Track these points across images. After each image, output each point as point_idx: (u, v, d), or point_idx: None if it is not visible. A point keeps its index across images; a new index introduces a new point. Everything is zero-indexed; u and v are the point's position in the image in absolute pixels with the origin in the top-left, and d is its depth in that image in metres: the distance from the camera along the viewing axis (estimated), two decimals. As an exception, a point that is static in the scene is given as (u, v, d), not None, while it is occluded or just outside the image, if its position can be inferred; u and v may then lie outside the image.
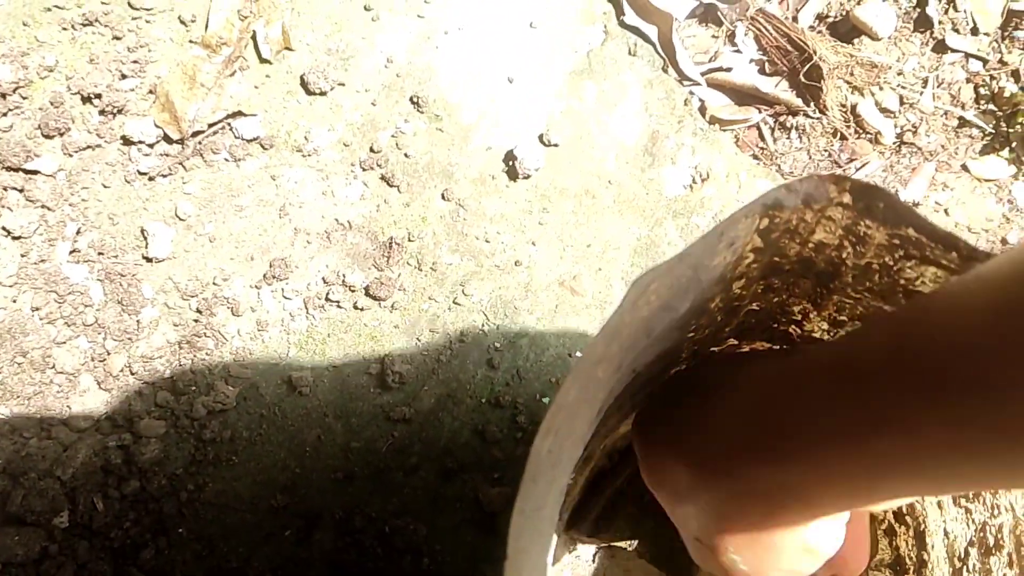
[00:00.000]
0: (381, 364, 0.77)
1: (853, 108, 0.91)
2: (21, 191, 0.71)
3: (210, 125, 0.74)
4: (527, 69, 0.83)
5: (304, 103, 0.78)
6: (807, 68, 0.89)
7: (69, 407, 0.71)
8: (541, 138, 0.82)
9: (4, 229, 0.70)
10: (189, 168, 0.75)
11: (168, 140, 0.74)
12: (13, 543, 0.66)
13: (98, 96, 0.72)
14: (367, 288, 0.77)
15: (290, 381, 0.75)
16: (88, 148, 0.72)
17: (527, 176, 0.81)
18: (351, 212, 0.78)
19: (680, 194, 0.86)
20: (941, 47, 0.93)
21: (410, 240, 0.79)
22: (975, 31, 0.93)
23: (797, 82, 0.91)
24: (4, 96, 0.70)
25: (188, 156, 0.74)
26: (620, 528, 0.64)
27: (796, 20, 0.92)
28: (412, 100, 0.80)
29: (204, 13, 0.75)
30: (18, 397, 0.69)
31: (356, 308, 0.77)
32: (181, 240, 0.75)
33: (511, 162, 0.81)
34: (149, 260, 0.74)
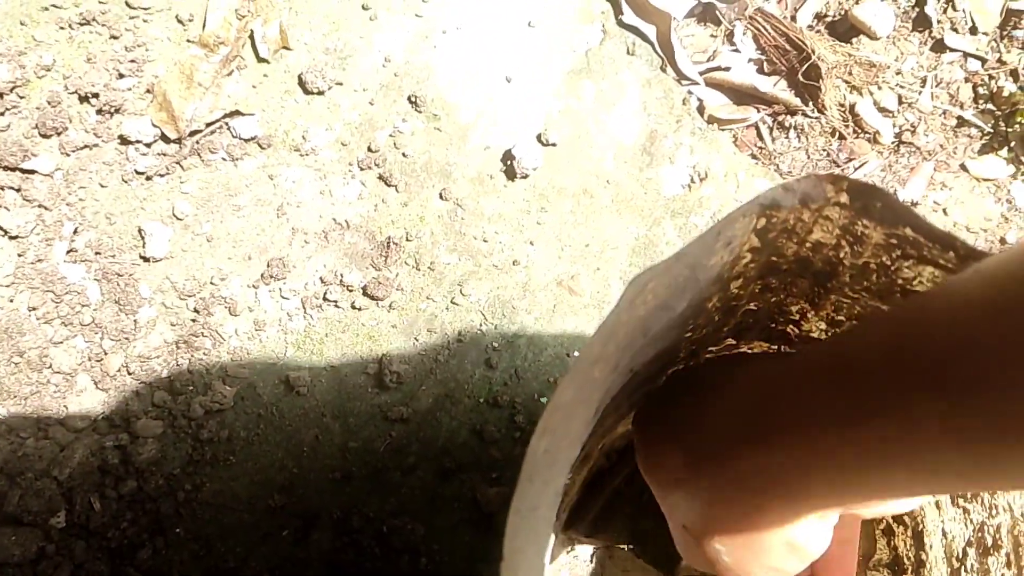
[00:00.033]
0: (379, 364, 0.77)
1: (851, 107, 0.91)
2: (18, 190, 0.70)
3: (207, 124, 0.74)
4: (525, 68, 0.83)
5: (302, 102, 0.78)
6: (805, 67, 0.89)
7: (66, 407, 0.71)
8: (539, 137, 0.82)
9: (1, 228, 0.70)
10: (186, 168, 0.75)
11: (165, 139, 0.74)
12: (10, 543, 0.66)
13: (95, 95, 0.72)
14: (365, 288, 0.77)
15: (288, 381, 0.75)
16: (85, 147, 0.72)
17: (525, 176, 0.81)
18: (349, 212, 0.78)
19: (678, 193, 0.86)
20: (940, 46, 0.93)
21: (408, 240, 0.79)
22: (974, 30, 0.93)
23: (795, 81, 0.91)
24: (1, 95, 0.69)
25: (185, 155, 0.74)
26: (618, 528, 0.63)
27: (794, 19, 0.92)
28: (410, 99, 0.80)
29: (202, 12, 0.75)
30: (15, 397, 0.69)
31: (354, 308, 0.77)
32: (178, 240, 0.74)
33: (509, 161, 0.80)
34: (146, 260, 0.74)
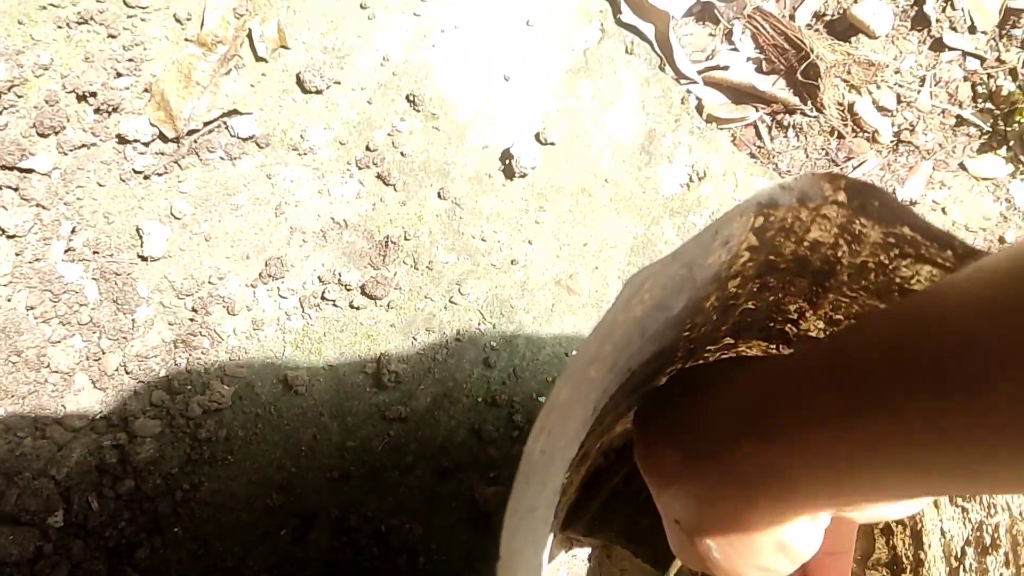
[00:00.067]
0: (377, 363, 0.77)
1: (850, 106, 0.91)
2: (16, 190, 0.70)
3: (206, 124, 0.74)
4: (523, 67, 0.83)
5: (300, 101, 0.77)
6: (804, 66, 0.88)
7: (64, 406, 0.71)
8: (537, 136, 0.82)
9: (-2, 228, 0.70)
10: (184, 167, 0.74)
11: (163, 139, 0.74)
12: (7, 542, 0.65)
13: (93, 94, 0.72)
14: (363, 287, 0.77)
15: (286, 380, 0.75)
16: (83, 147, 0.72)
17: (523, 175, 0.81)
18: (347, 211, 0.78)
19: (677, 192, 0.85)
20: (939, 45, 0.93)
21: (406, 239, 0.78)
22: (973, 29, 0.93)
23: (794, 80, 0.90)
24: (-2, 94, 0.69)
25: (183, 155, 0.74)
26: (616, 527, 0.63)
27: (793, 18, 0.92)
28: (408, 98, 0.79)
29: (200, 11, 0.75)
30: (13, 396, 0.69)
31: (352, 307, 0.77)
32: (176, 239, 0.74)
33: (507, 160, 0.80)
34: (144, 259, 0.73)
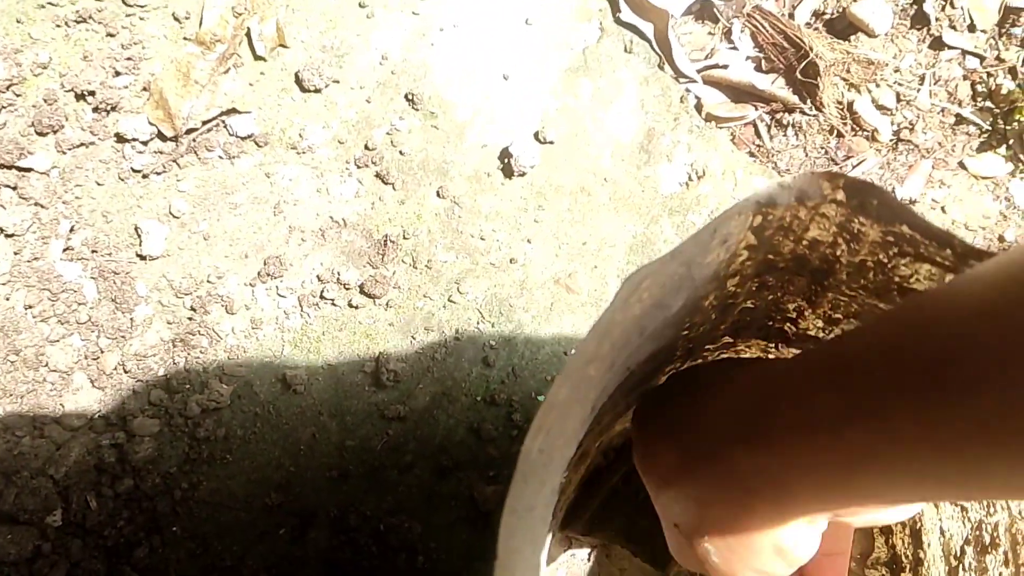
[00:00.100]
0: (376, 362, 0.77)
1: (850, 105, 0.91)
2: (14, 189, 0.70)
3: (204, 122, 0.74)
4: (522, 66, 0.83)
5: (299, 100, 0.77)
6: (803, 65, 0.88)
7: (62, 405, 0.71)
8: (536, 135, 0.82)
9: (-3, 227, 0.70)
10: (183, 165, 0.74)
11: (162, 137, 0.73)
12: (6, 542, 0.65)
13: (92, 93, 0.71)
14: (362, 286, 0.77)
15: (284, 379, 0.75)
16: (82, 145, 0.72)
17: (522, 173, 0.81)
18: (346, 210, 0.78)
19: (676, 191, 0.85)
20: (938, 44, 0.93)
21: (405, 238, 0.78)
22: (972, 28, 0.93)
23: (793, 79, 0.90)
24: (-4, 93, 0.69)
25: (182, 153, 0.74)
26: (615, 527, 0.63)
27: (792, 17, 0.92)
28: (407, 97, 0.79)
29: (198, 10, 0.75)
30: (11, 395, 0.69)
31: (351, 306, 0.77)
32: (175, 238, 0.74)
33: (506, 159, 0.80)
34: (143, 258, 0.73)
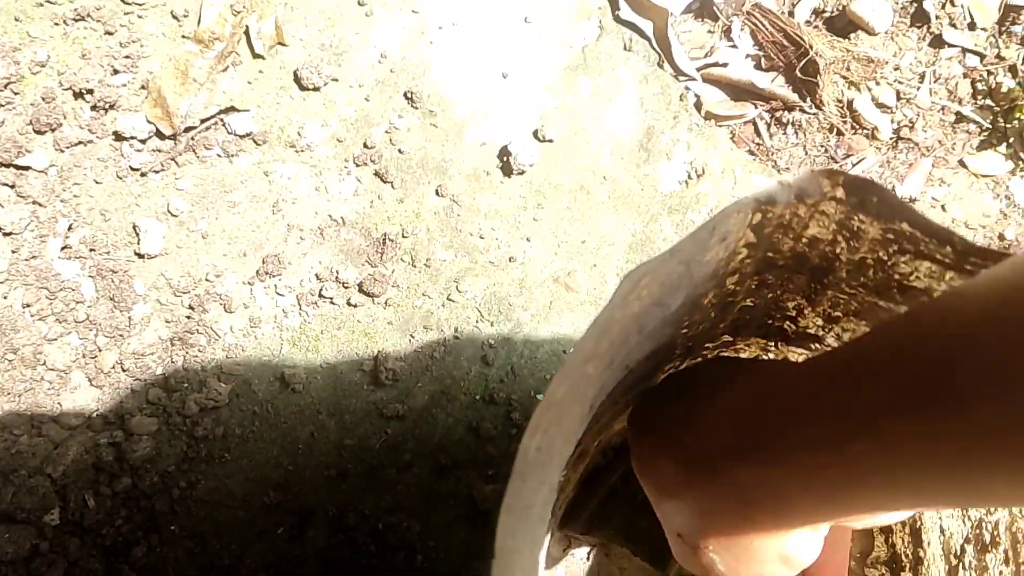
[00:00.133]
0: (374, 361, 0.76)
1: (850, 103, 0.91)
2: (12, 187, 0.70)
3: (203, 121, 0.74)
4: (521, 64, 0.83)
5: (297, 99, 0.77)
6: (803, 63, 0.88)
7: (60, 404, 0.70)
8: (535, 134, 0.82)
9: (-6, 225, 0.69)
10: (181, 164, 0.74)
11: (160, 136, 0.73)
12: (3, 541, 0.65)
13: (90, 91, 0.71)
14: (360, 284, 0.77)
15: (283, 378, 0.75)
16: (80, 144, 0.72)
17: (521, 172, 0.81)
18: (344, 208, 0.78)
19: (675, 190, 0.85)
20: (938, 42, 0.93)
21: (404, 236, 0.78)
22: (972, 26, 0.93)
23: (793, 77, 0.90)
24: (-6, 91, 0.69)
25: (180, 152, 0.74)
26: (614, 526, 0.63)
27: (792, 15, 0.91)
28: (406, 95, 0.79)
29: (197, 8, 0.74)
30: (8, 394, 0.69)
31: (349, 305, 0.77)
32: (173, 236, 0.74)
33: (505, 158, 0.80)
34: (141, 256, 0.73)
